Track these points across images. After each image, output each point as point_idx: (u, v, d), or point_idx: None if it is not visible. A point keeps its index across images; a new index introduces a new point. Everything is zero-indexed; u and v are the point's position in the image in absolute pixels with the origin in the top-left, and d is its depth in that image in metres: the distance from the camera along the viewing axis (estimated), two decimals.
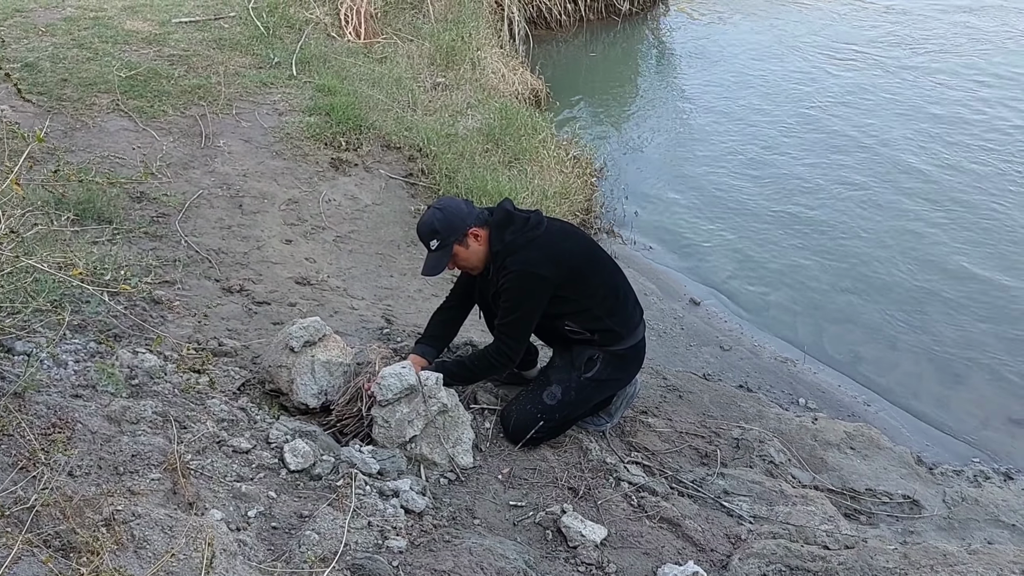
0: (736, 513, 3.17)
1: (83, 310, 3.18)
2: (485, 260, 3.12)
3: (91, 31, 6.47)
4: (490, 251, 3.09)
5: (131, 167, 4.72)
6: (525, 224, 3.09)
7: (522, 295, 3.06)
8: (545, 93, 7.95)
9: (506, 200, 3.22)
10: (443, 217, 3.03)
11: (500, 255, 3.06)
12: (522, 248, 3.04)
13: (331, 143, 5.60)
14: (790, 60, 8.97)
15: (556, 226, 3.23)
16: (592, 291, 3.17)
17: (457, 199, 3.22)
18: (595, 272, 3.21)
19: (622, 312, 3.26)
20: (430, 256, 3.07)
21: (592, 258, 3.23)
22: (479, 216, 3.08)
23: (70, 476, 2.19)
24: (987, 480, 3.84)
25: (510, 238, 3.05)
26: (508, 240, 3.05)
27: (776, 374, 4.63)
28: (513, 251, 3.04)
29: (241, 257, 4.25)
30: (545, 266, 3.04)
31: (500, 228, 3.07)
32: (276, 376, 3.13)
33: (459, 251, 3.06)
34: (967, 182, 6.55)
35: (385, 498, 2.62)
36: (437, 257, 3.06)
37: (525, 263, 3.03)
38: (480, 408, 3.34)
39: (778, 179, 6.74)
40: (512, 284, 3.05)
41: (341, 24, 7.35)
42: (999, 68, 8.53)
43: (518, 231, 3.07)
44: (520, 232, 3.07)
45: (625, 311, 3.28)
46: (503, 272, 3.06)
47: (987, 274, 5.49)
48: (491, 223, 3.09)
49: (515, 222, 3.08)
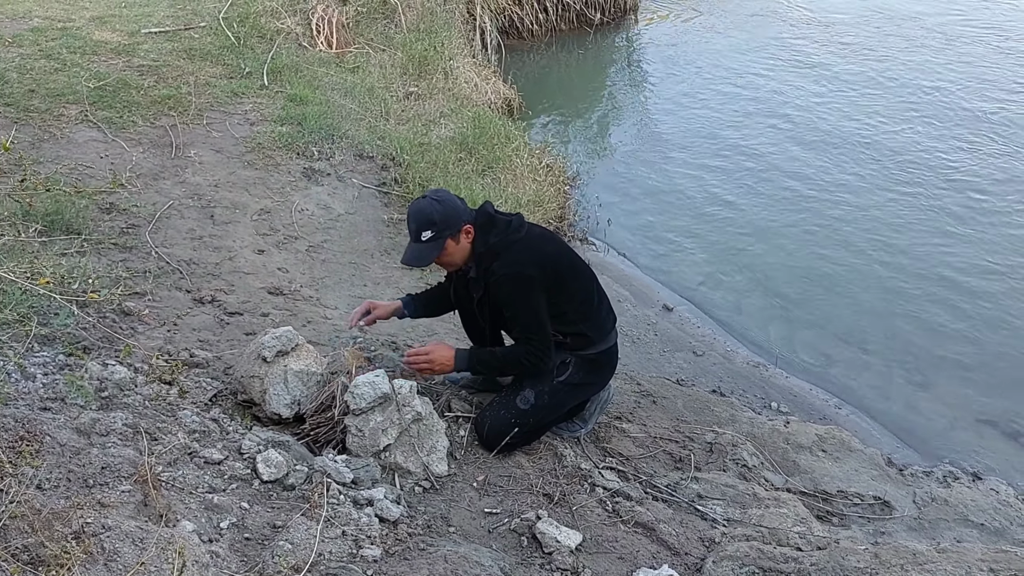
0: (710, 516, 3.19)
1: (51, 322, 3.15)
2: (466, 259, 3.12)
3: (59, 42, 6.41)
4: (472, 251, 3.09)
5: (100, 178, 4.68)
6: (508, 227, 3.10)
7: (521, 298, 3.07)
8: (518, 102, 7.99)
9: (487, 203, 3.20)
10: (442, 209, 2.98)
11: (484, 257, 3.07)
12: (505, 251, 3.05)
13: (303, 153, 5.58)
14: (760, 68, 9.08)
15: (536, 230, 3.25)
16: (569, 295, 3.18)
17: (447, 191, 3.14)
18: (574, 276, 3.23)
19: (596, 318, 3.29)
20: (418, 246, 3.02)
21: (571, 263, 3.25)
22: (470, 212, 3.08)
23: (39, 489, 2.16)
24: (956, 480, 3.89)
25: (494, 240, 3.06)
26: (492, 243, 3.06)
27: (749, 378, 4.67)
28: (496, 254, 3.05)
29: (213, 268, 4.23)
30: (531, 267, 3.05)
31: (483, 230, 3.07)
32: (248, 386, 3.11)
33: (449, 245, 3.03)
34: (936, 187, 6.65)
35: (359, 507, 2.61)
36: (427, 248, 3.02)
37: (512, 266, 3.04)
38: (454, 416, 3.34)
39: (750, 186, 6.81)
40: (508, 291, 3.06)
41: (313, 34, 7.34)
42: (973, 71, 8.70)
43: (501, 234, 3.08)
44: (503, 235, 3.08)
45: (599, 317, 3.31)
46: (492, 278, 3.06)
47: (955, 278, 5.58)
48: (475, 223, 3.08)
49: (497, 225, 3.09)
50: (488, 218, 3.10)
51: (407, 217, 3.07)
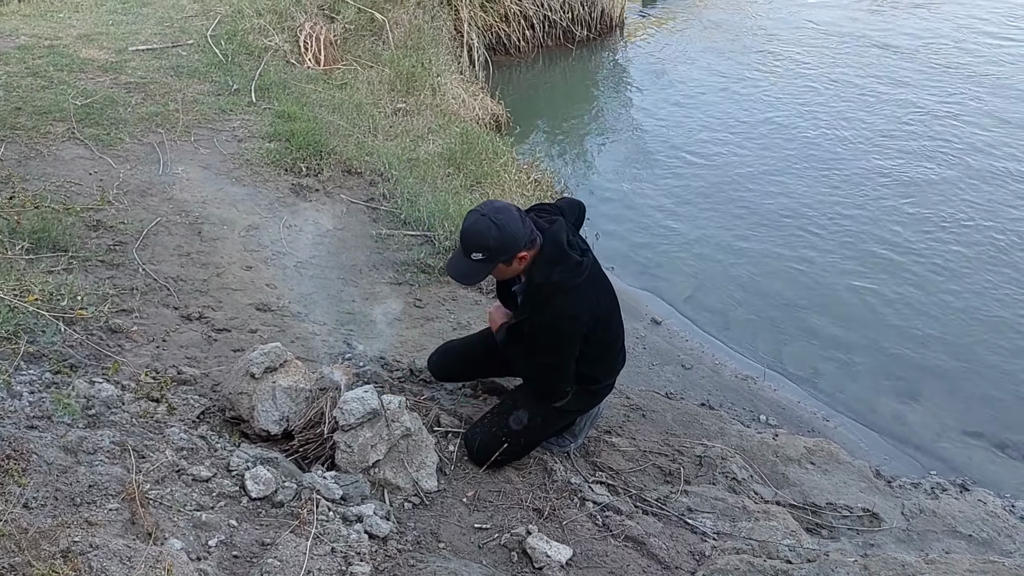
0: (700, 530, 3.19)
1: (39, 340, 3.14)
2: (515, 275, 3.02)
3: (46, 59, 6.40)
4: (529, 274, 2.96)
5: (87, 195, 4.67)
6: (577, 267, 2.93)
7: (564, 339, 2.98)
8: (505, 118, 8.02)
9: (560, 226, 2.97)
10: (499, 236, 2.80)
11: (541, 288, 2.91)
12: (567, 292, 2.90)
13: (291, 169, 5.59)
14: (744, 82, 9.15)
15: (596, 271, 3.07)
16: (595, 341, 3.09)
17: (511, 209, 2.87)
18: (609, 327, 3.15)
19: (610, 364, 3.28)
20: (466, 263, 2.87)
21: (612, 311, 3.16)
22: (530, 236, 2.87)
23: (25, 508, 2.15)
24: (944, 492, 3.91)
25: (557, 278, 2.89)
26: (555, 280, 2.89)
27: (737, 391, 4.69)
28: (556, 292, 2.90)
29: (200, 284, 4.22)
30: (585, 313, 2.95)
31: (550, 262, 2.90)
32: (237, 403, 3.10)
33: (499, 268, 2.90)
34: (923, 197, 6.72)
35: (348, 524, 2.60)
36: (475, 269, 2.88)
37: (569, 309, 2.91)
38: (444, 431, 3.33)
39: (736, 199, 6.85)
40: (555, 327, 2.95)
41: (301, 51, 7.36)
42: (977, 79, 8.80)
43: (566, 272, 2.91)
44: (568, 274, 2.91)
45: (614, 364, 3.30)
46: (544, 316, 2.94)
47: (941, 289, 5.63)
48: (542, 250, 2.90)
49: (566, 261, 2.91)
50: (559, 253, 2.91)
51: (461, 230, 2.89)
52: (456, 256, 2.95)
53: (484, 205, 2.91)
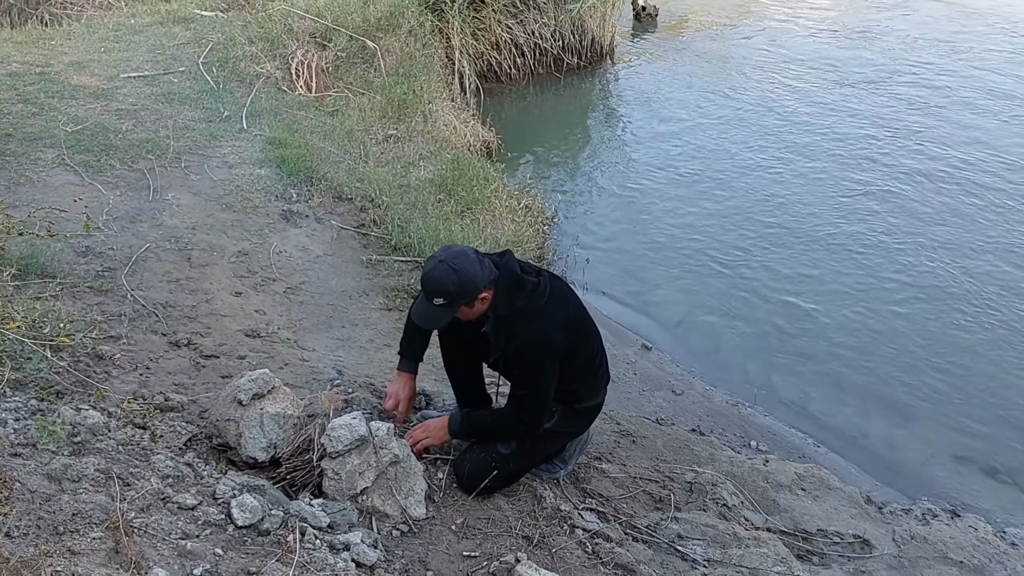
0: (690, 557, 3.17)
1: (24, 367, 3.11)
2: (480, 315, 3.03)
3: (37, 86, 6.42)
4: (492, 311, 2.99)
5: (76, 221, 4.65)
6: (535, 289, 2.97)
7: (540, 366, 2.99)
8: (496, 144, 8.06)
9: (510, 257, 3.04)
10: (458, 281, 2.85)
11: (507, 319, 2.96)
12: (533, 317, 2.95)
13: (282, 195, 5.59)
14: (735, 108, 9.23)
15: (556, 286, 3.09)
16: (573, 356, 3.09)
17: (468, 253, 2.93)
18: (586, 339, 3.17)
19: (591, 379, 3.25)
20: (429, 307, 2.94)
21: (583, 320, 3.18)
22: (489, 277, 2.92)
23: (7, 537, 2.12)
24: (935, 518, 3.90)
25: (520, 304, 2.95)
26: (519, 307, 2.94)
27: (728, 417, 4.68)
28: (523, 319, 2.95)
29: (189, 310, 4.20)
30: (558, 333, 2.97)
31: (509, 292, 2.95)
32: (224, 430, 3.08)
33: (462, 310, 2.95)
34: (910, 223, 6.76)
35: (335, 552, 2.57)
36: (439, 312, 2.94)
37: (540, 333, 2.95)
38: (432, 458, 3.31)
39: (726, 225, 6.88)
40: (529, 355, 2.97)
41: (292, 78, 7.39)
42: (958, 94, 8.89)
43: (528, 298, 2.95)
44: (530, 299, 2.96)
45: (595, 378, 3.26)
46: (517, 343, 2.96)
47: (931, 314, 5.65)
48: (499, 283, 2.95)
49: (524, 287, 2.96)
50: (515, 281, 2.97)
51: (422, 277, 2.95)
52: (420, 301, 3.02)
53: (442, 251, 2.97)
